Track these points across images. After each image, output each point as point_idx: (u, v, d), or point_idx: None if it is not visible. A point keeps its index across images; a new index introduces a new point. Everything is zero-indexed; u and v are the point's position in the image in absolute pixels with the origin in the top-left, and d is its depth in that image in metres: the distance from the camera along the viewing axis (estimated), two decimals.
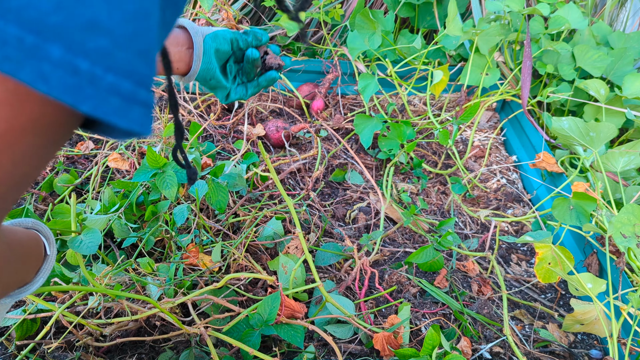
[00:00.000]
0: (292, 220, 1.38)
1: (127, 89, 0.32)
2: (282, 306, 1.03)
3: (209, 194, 1.15)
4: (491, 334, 1.17)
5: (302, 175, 1.59)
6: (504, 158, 1.78)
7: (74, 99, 0.29)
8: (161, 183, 1.10)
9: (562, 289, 1.32)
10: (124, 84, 0.32)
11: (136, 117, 0.33)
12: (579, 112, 1.74)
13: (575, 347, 1.18)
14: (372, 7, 2.18)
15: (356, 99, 1.96)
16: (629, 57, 1.68)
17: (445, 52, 1.95)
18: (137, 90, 0.33)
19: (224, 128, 1.73)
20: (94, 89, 0.30)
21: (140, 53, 0.33)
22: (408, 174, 1.68)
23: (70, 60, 0.29)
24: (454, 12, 1.60)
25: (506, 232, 1.50)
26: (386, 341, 1.03)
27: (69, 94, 0.29)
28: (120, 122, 0.32)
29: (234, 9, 1.95)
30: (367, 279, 1.20)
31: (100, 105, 0.30)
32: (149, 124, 0.35)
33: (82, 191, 1.43)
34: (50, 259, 0.76)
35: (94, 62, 0.30)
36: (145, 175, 1.12)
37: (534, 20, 1.74)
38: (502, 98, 1.78)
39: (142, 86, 0.33)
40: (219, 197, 1.16)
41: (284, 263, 1.17)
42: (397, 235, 1.43)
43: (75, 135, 1.66)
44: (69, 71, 0.29)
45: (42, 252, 0.76)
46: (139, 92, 0.33)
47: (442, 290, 1.25)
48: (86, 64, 0.29)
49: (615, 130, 1.39)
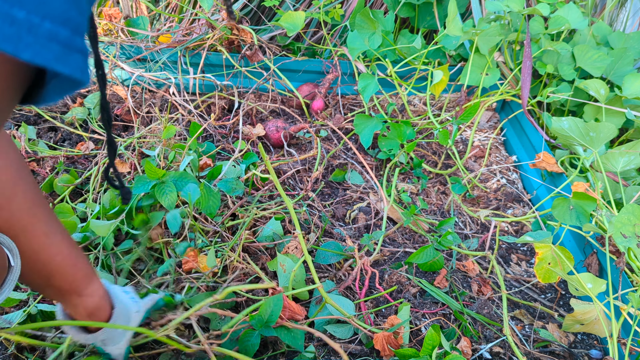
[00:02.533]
0: (292, 220, 1.38)
1: (65, 36, 0.33)
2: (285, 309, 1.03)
3: (200, 199, 1.16)
4: (491, 334, 1.17)
5: (302, 176, 1.59)
6: (504, 158, 1.78)
7: (14, 48, 0.30)
8: (160, 193, 1.11)
9: (562, 289, 1.32)
10: (62, 31, 0.32)
11: (76, 63, 0.34)
12: (579, 112, 1.74)
13: (575, 347, 1.18)
14: (372, 7, 2.18)
15: (356, 99, 1.96)
16: (629, 57, 1.68)
17: (445, 52, 1.95)
18: (74, 38, 0.34)
19: (224, 128, 1.73)
20: (32, 37, 0.30)
21: (73, 1, 0.33)
22: (408, 174, 1.68)
23: (7, 11, 0.29)
24: (454, 12, 1.60)
25: (506, 232, 1.50)
26: (386, 341, 1.03)
27: (8, 42, 0.29)
28: (62, 68, 0.32)
29: (234, 9, 1.95)
30: (367, 279, 1.20)
31: (41, 52, 0.31)
32: (88, 71, 0.36)
33: (82, 191, 1.43)
34: (15, 271, 0.74)
35: (29, 11, 0.30)
36: (144, 186, 1.13)
37: (534, 20, 1.74)
38: (502, 98, 1.78)
39: (78, 34, 0.34)
40: (210, 202, 1.17)
41: (282, 262, 1.17)
42: (397, 235, 1.43)
43: (75, 136, 1.66)
44: (7, 21, 0.29)
45: (5, 264, 0.75)
46: (76, 39, 0.34)
47: (442, 290, 1.25)
48: (22, 13, 0.30)
49: (615, 130, 1.39)
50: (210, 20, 1.79)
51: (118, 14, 1.96)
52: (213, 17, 1.90)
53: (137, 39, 1.89)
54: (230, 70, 1.87)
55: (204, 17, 1.81)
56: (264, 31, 2.06)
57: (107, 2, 2.19)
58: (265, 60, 1.80)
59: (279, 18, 1.90)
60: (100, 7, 2.17)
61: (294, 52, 2.08)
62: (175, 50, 1.80)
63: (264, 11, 2.19)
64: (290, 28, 1.81)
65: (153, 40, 1.87)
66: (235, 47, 1.91)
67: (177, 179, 1.16)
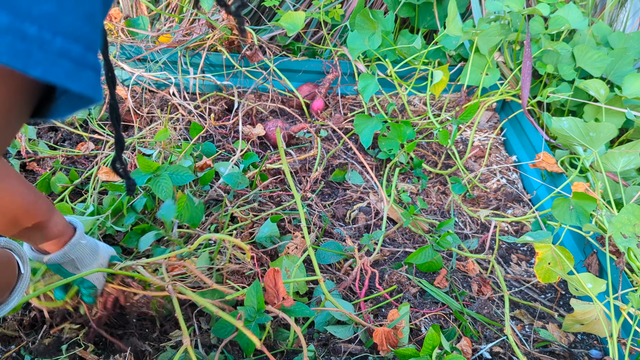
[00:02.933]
0: (291, 221, 1.38)
1: (77, 53, 0.32)
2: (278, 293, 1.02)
3: (182, 210, 1.16)
4: (491, 334, 1.17)
5: (301, 175, 1.59)
6: (504, 158, 1.78)
7: (24, 64, 0.29)
8: (156, 187, 1.11)
9: (562, 289, 1.32)
10: (74, 47, 0.32)
11: (88, 80, 0.33)
12: (579, 112, 1.74)
13: (575, 347, 1.18)
14: (372, 7, 2.18)
15: (356, 99, 1.96)
16: (629, 57, 1.68)
17: (445, 52, 1.95)
18: (87, 54, 0.33)
19: (224, 128, 1.73)
20: (44, 53, 0.30)
21: (87, 17, 0.33)
22: (408, 174, 1.68)
23: (19, 26, 0.29)
24: (454, 12, 1.60)
25: (506, 232, 1.50)
26: (385, 337, 1.03)
27: (19, 59, 0.29)
28: (73, 85, 0.32)
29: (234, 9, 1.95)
30: (367, 279, 1.20)
31: (52, 69, 0.30)
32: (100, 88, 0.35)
33: (82, 191, 1.43)
34: (25, 278, 0.76)
35: (41, 27, 0.30)
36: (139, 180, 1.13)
37: (534, 21, 1.74)
38: (502, 98, 1.78)
39: (91, 50, 0.33)
40: (192, 214, 1.17)
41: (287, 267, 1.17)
42: (397, 235, 1.43)
43: (75, 136, 1.66)
44: (18, 37, 0.29)
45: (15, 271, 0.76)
46: (88, 55, 0.33)
47: (442, 290, 1.25)
48: (34, 29, 0.29)
49: (615, 130, 1.39)
50: (210, 20, 1.79)
51: (118, 14, 1.96)
52: (213, 17, 1.90)
53: (137, 39, 1.89)
54: (230, 70, 1.87)
55: (204, 17, 1.81)
56: (264, 31, 2.06)
57: None
58: (265, 60, 1.81)
59: (279, 18, 1.90)
60: None
61: (294, 52, 2.08)
62: (175, 50, 1.80)
63: (264, 11, 2.19)
64: (290, 28, 1.81)
65: (153, 40, 1.87)
66: (235, 47, 1.91)
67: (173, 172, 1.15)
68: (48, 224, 0.81)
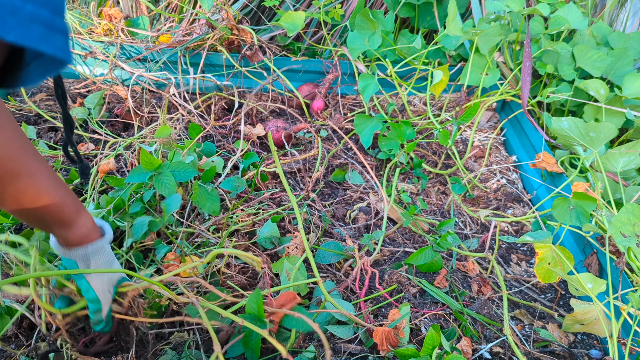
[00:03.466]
0: (290, 221, 1.38)
1: (46, 17, 0.34)
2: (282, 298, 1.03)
3: (199, 200, 1.15)
4: (491, 334, 1.17)
5: (302, 176, 1.59)
6: (504, 158, 1.78)
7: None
8: (159, 184, 1.10)
9: (562, 289, 1.32)
10: (43, 12, 0.33)
11: (59, 43, 0.35)
12: (579, 112, 1.74)
13: (575, 347, 1.18)
14: (372, 7, 2.18)
15: (356, 99, 1.96)
16: (629, 57, 1.68)
17: (445, 52, 1.95)
18: (55, 18, 0.35)
19: (224, 128, 1.73)
20: (15, 19, 0.31)
21: None
22: (408, 174, 1.68)
23: None
24: (454, 12, 1.60)
25: (506, 232, 1.50)
26: (385, 337, 1.03)
27: None
28: (47, 48, 0.33)
29: (234, 9, 1.95)
30: (367, 278, 1.20)
31: (25, 34, 0.32)
32: (69, 50, 0.37)
33: (82, 191, 1.43)
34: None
35: None
36: (139, 176, 1.12)
37: (534, 21, 1.74)
38: (502, 98, 1.78)
39: (58, 14, 0.35)
40: (208, 202, 1.16)
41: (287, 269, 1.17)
42: (397, 235, 1.43)
43: (75, 136, 1.66)
44: None
45: None
46: (56, 19, 0.35)
47: (442, 290, 1.25)
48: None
49: (615, 131, 1.39)
50: (210, 20, 1.79)
51: (118, 14, 1.96)
52: (213, 17, 1.90)
53: (137, 39, 1.89)
54: (231, 70, 1.87)
55: (204, 17, 1.81)
56: (264, 31, 2.06)
57: (107, 2, 2.19)
58: (265, 60, 1.81)
59: (279, 18, 1.90)
60: (100, 7, 2.17)
61: (294, 52, 2.08)
62: (175, 50, 1.80)
63: (264, 11, 2.19)
64: (290, 28, 1.81)
65: (153, 40, 1.87)
66: (235, 47, 1.91)
67: (175, 169, 1.14)
68: (73, 225, 0.82)
